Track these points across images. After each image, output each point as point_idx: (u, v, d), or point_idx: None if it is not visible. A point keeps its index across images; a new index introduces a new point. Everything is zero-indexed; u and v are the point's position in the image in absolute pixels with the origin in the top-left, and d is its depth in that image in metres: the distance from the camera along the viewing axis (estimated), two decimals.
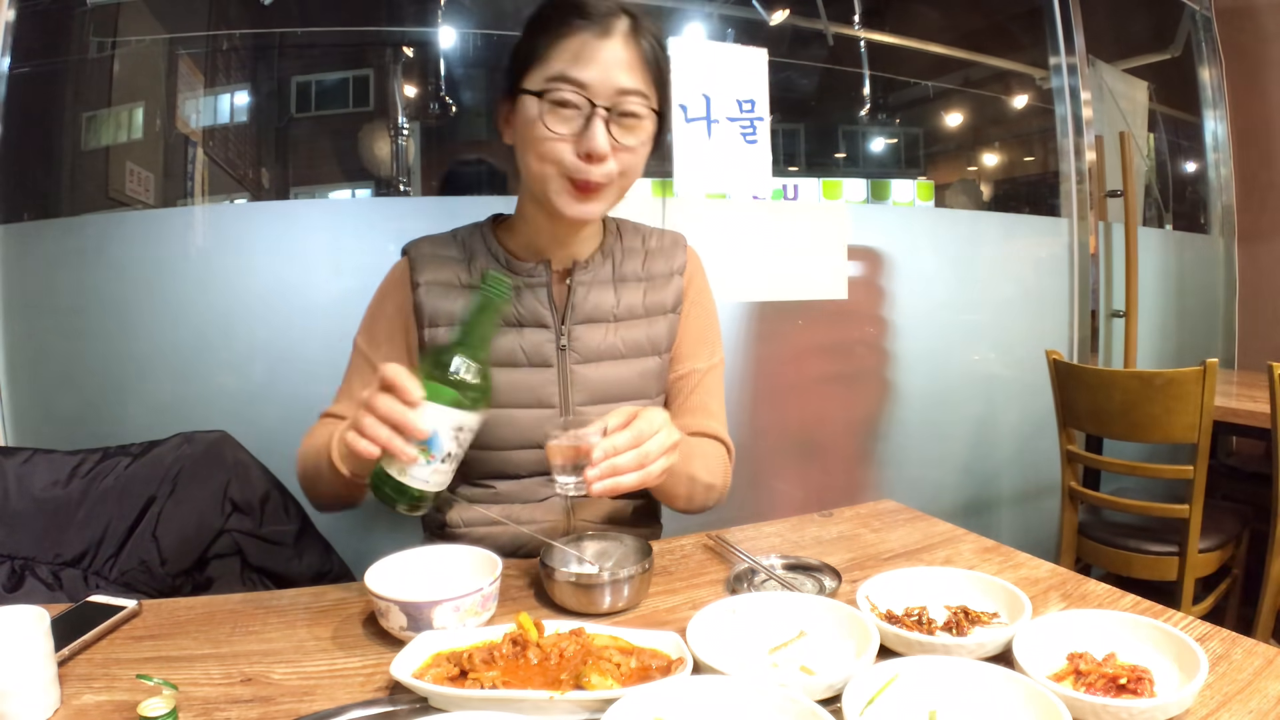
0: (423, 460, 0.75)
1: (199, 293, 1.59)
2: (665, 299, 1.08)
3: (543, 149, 0.91)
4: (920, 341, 2.29)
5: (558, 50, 0.89)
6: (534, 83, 0.90)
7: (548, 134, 0.90)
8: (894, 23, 2.54)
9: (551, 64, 0.89)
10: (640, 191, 2.11)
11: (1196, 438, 1.77)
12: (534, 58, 0.91)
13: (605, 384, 1.03)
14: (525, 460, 1.02)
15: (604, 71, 0.89)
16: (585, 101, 0.89)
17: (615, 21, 0.90)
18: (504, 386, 1.00)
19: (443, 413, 0.75)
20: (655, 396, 1.08)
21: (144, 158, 1.68)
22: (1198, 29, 2.99)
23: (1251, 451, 2.75)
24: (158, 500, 1.27)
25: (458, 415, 0.76)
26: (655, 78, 0.93)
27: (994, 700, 0.60)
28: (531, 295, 1.01)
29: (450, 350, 0.77)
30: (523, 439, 1.01)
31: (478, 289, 0.80)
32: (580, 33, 0.89)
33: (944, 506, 2.37)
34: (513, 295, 0.80)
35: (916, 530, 1.05)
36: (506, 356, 1.00)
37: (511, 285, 0.79)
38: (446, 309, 1.01)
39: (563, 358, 1.02)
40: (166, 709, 0.59)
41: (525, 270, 1.02)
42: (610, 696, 0.59)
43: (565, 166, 0.91)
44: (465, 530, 1.05)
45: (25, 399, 1.55)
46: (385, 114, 1.91)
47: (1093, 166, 2.49)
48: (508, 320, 1.01)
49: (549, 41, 0.90)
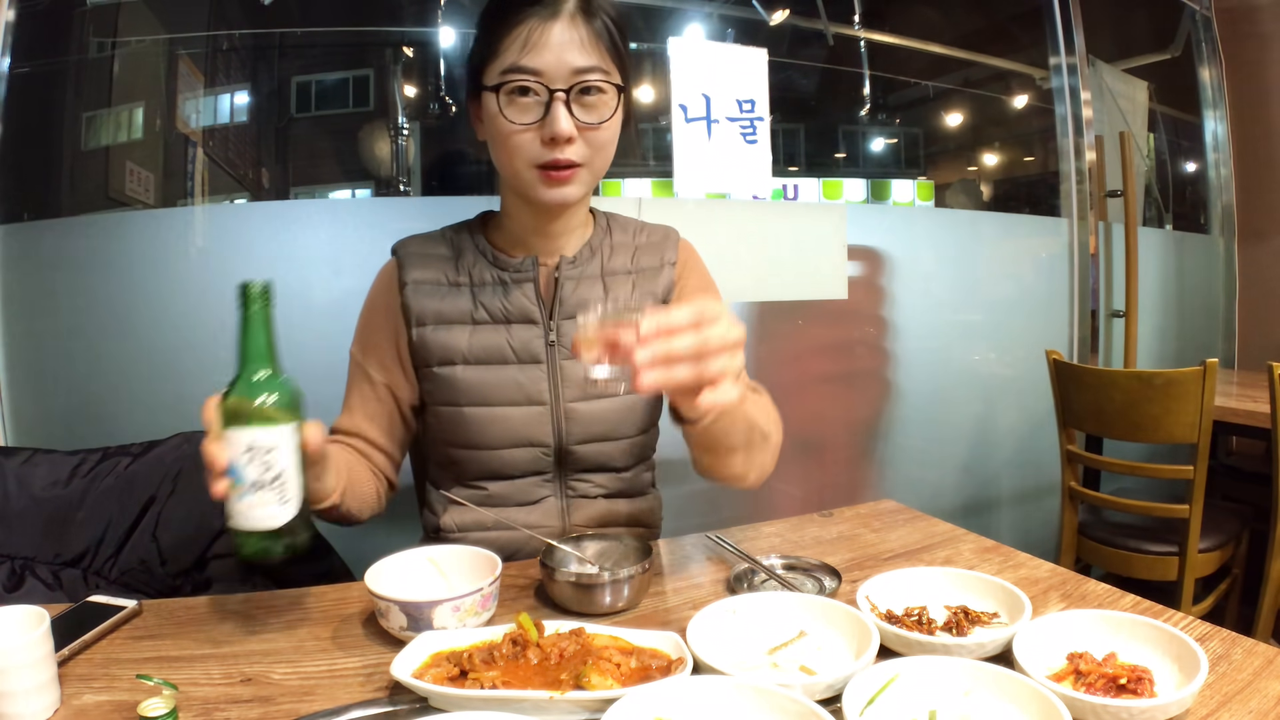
0: (234, 495, 0.68)
1: (199, 293, 1.59)
2: (655, 290, 1.06)
3: (509, 142, 0.91)
4: (920, 341, 2.29)
5: (509, 41, 0.89)
6: (491, 77, 0.90)
7: (510, 126, 0.90)
8: (894, 23, 2.53)
9: (505, 56, 0.89)
10: (641, 192, 2.11)
11: (1196, 438, 1.77)
12: (489, 52, 0.91)
13: None
14: (518, 460, 1.01)
15: (556, 54, 0.88)
16: (541, 88, 0.89)
17: (562, 2, 0.89)
18: (493, 383, 0.99)
19: (230, 437, 0.68)
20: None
21: (144, 158, 1.68)
22: (1198, 29, 2.99)
23: (1251, 451, 2.75)
24: (158, 500, 1.27)
25: (241, 435, 0.68)
26: (612, 52, 0.92)
27: (994, 700, 0.60)
28: (519, 291, 1.00)
29: (236, 371, 0.71)
30: (514, 437, 1.00)
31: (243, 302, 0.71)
32: (528, 19, 0.88)
33: (944, 506, 2.37)
34: (273, 294, 0.70)
35: (916, 530, 1.05)
36: (495, 353, 1.00)
37: (266, 286, 0.70)
38: (434, 307, 1.00)
39: (552, 353, 1.01)
40: (166, 709, 0.59)
41: (512, 265, 1.01)
42: (610, 696, 0.59)
43: (532, 155, 0.91)
44: (459, 535, 1.04)
45: (25, 399, 1.55)
46: (385, 114, 1.91)
47: (1093, 166, 2.49)
48: (495, 317, 1.00)
49: (500, 33, 0.90)
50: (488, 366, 1.00)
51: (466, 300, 1.01)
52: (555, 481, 1.04)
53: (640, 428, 1.06)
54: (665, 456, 2.07)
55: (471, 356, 1.00)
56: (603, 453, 1.03)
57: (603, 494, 1.06)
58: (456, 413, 1.01)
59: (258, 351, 0.71)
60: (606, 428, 1.02)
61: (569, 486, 1.04)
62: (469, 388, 1.00)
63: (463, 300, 1.01)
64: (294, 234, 1.63)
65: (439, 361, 1.01)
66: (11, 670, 0.61)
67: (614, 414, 1.02)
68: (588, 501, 1.05)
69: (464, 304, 1.01)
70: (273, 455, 0.68)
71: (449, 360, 1.00)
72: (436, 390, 1.02)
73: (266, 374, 0.70)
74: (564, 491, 1.04)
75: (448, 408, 1.01)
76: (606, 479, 1.06)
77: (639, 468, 1.10)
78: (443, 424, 1.03)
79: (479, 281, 1.01)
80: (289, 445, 0.70)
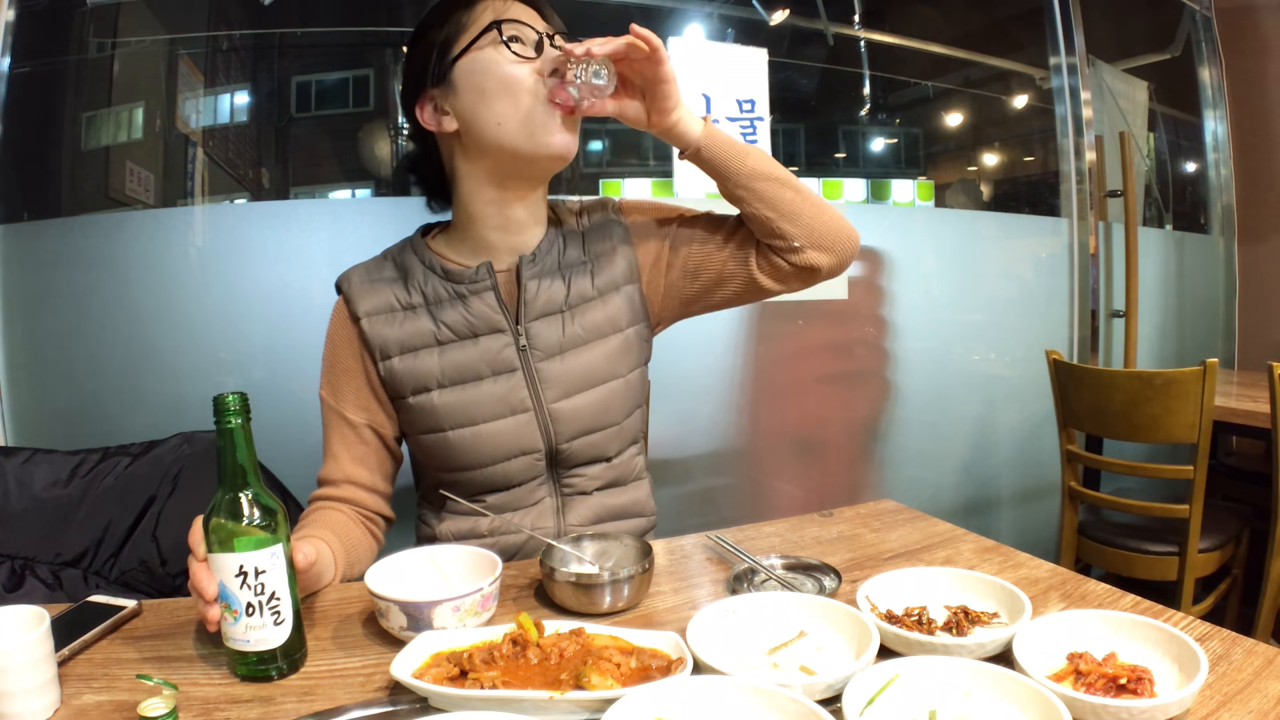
0: (230, 620, 0.67)
1: (199, 293, 1.59)
2: (615, 276, 1.03)
3: (516, 86, 0.90)
4: (920, 341, 2.29)
5: (474, 14, 0.92)
6: (470, 38, 0.91)
7: (514, 58, 0.90)
8: (894, 23, 2.54)
9: (479, 21, 0.91)
10: (641, 192, 2.11)
11: (1196, 438, 1.77)
12: (452, 38, 0.92)
13: (574, 375, 1.00)
14: (511, 471, 1.00)
15: (527, 15, 0.92)
16: (530, 31, 0.92)
17: None
18: (472, 402, 0.97)
19: (217, 563, 0.67)
20: (628, 374, 1.04)
21: (144, 158, 1.68)
22: (1198, 29, 2.99)
23: (1251, 451, 2.75)
24: (158, 500, 1.27)
25: (230, 560, 0.66)
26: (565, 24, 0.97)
27: (994, 700, 0.60)
28: (480, 301, 0.98)
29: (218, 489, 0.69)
30: (505, 450, 0.99)
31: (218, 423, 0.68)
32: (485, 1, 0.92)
33: (944, 506, 2.37)
34: (249, 407, 0.68)
35: (916, 530, 1.05)
36: (469, 371, 0.97)
37: (243, 398, 0.68)
38: (395, 335, 0.97)
39: (525, 358, 0.99)
40: (166, 709, 0.59)
41: (466, 276, 0.98)
42: (610, 696, 0.59)
43: (543, 91, 0.90)
44: (455, 544, 1.04)
45: (25, 399, 1.55)
46: (385, 114, 1.91)
47: (1093, 166, 2.49)
48: (460, 333, 0.97)
49: (459, 17, 0.92)
50: (463, 386, 0.97)
51: (426, 321, 0.97)
52: (550, 483, 1.04)
53: (626, 411, 1.05)
54: (665, 456, 2.06)
55: (445, 379, 0.97)
56: (594, 444, 1.03)
57: (597, 486, 1.05)
58: (441, 438, 0.98)
59: (239, 468, 0.68)
60: (593, 418, 1.01)
61: (564, 485, 1.04)
62: (449, 412, 0.97)
63: (422, 322, 0.97)
64: (294, 234, 1.64)
65: (413, 391, 0.98)
66: (11, 670, 0.61)
67: (597, 405, 1.01)
68: (583, 497, 1.05)
69: (425, 325, 0.97)
70: (265, 577, 0.67)
71: (423, 388, 0.97)
72: (416, 419, 0.99)
73: (251, 492, 0.68)
74: (559, 490, 1.04)
75: (431, 435, 0.99)
76: (600, 470, 1.05)
77: (630, 451, 1.09)
78: (428, 451, 1.01)
79: (434, 299, 0.98)
80: (280, 563, 0.69)
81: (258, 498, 0.69)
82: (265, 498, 0.69)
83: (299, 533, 0.92)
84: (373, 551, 1.00)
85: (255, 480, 0.69)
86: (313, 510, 1.00)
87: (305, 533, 0.90)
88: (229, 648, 0.68)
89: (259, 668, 0.68)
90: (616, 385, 1.03)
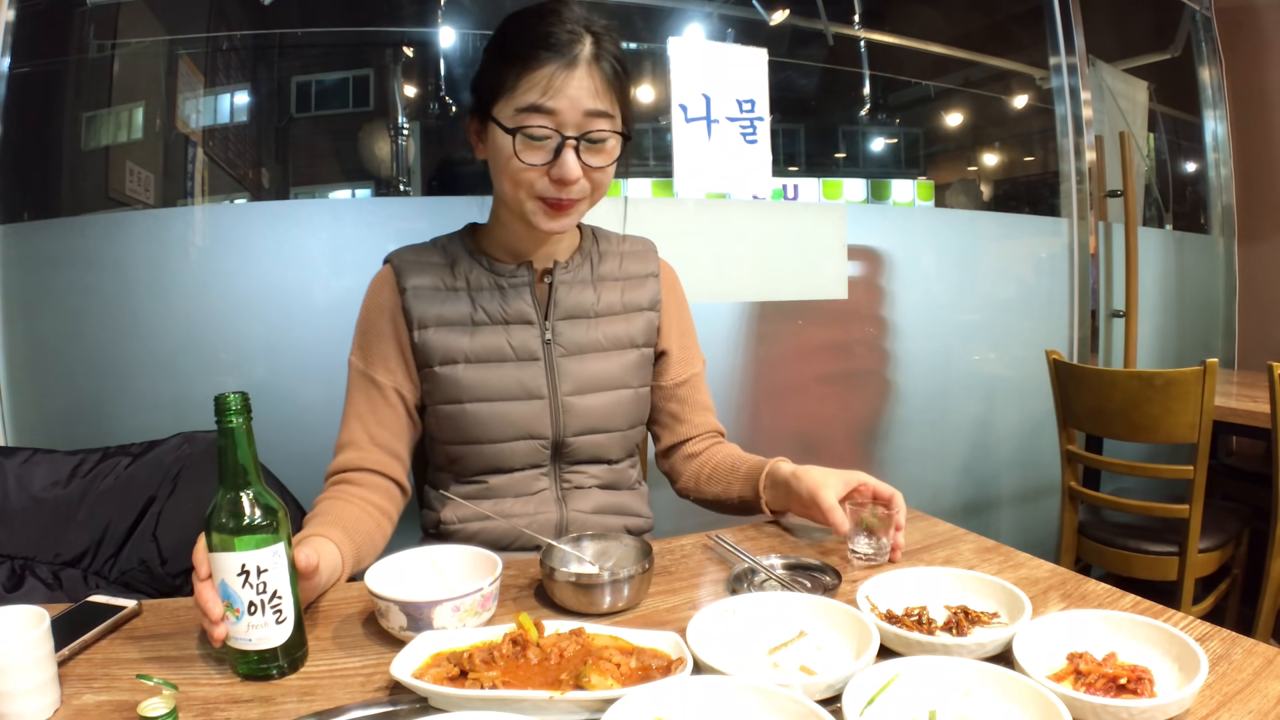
0: (233, 619, 0.68)
1: (199, 293, 1.59)
2: (641, 298, 1.14)
3: (517, 178, 0.96)
4: (920, 341, 2.29)
5: (525, 83, 0.93)
6: (504, 114, 0.94)
7: (521, 165, 0.94)
8: (894, 23, 2.53)
9: (519, 96, 0.93)
10: (641, 192, 2.11)
11: (1196, 438, 1.77)
12: (502, 88, 0.94)
13: (590, 375, 1.08)
14: (517, 452, 1.06)
15: (571, 102, 0.93)
16: (554, 134, 0.93)
17: (579, 49, 0.93)
18: (494, 380, 1.04)
19: (218, 562, 0.67)
20: (638, 387, 1.13)
21: (144, 158, 1.68)
22: (1198, 29, 2.99)
23: (1251, 451, 2.75)
24: (158, 500, 1.27)
25: (228, 559, 0.67)
26: (619, 95, 0.98)
27: (994, 700, 0.60)
28: (516, 295, 1.06)
29: (219, 488, 0.69)
30: (515, 431, 1.05)
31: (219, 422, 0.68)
32: (546, 65, 0.92)
33: (944, 506, 2.37)
34: (250, 406, 0.69)
35: (916, 530, 1.05)
36: (495, 352, 1.05)
37: (244, 397, 0.68)
38: (435, 311, 1.04)
39: (548, 350, 1.07)
40: (166, 709, 0.59)
41: (508, 272, 1.07)
42: (610, 696, 0.59)
43: (538, 191, 0.96)
44: (459, 526, 1.07)
45: (25, 399, 1.55)
46: (385, 114, 1.91)
47: (1093, 166, 2.49)
48: (494, 319, 1.05)
49: (516, 73, 0.93)
50: (488, 365, 1.05)
51: (465, 304, 1.05)
52: (552, 474, 1.09)
53: (630, 422, 1.13)
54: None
55: (473, 356, 1.05)
56: (597, 444, 1.10)
57: (596, 484, 1.11)
58: (459, 409, 1.04)
59: (240, 467, 0.69)
60: (600, 419, 1.09)
61: (564, 478, 1.10)
62: (471, 385, 1.04)
63: (461, 304, 1.05)
64: (294, 234, 1.64)
65: (440, 361, 1.04)
66: (11, 670, 0.61)
67: (606, 407, 1.09)
68: (582, 492, 1.10)
69: (463, 307, 1.05)
70: (266, 576, 0.68)
71: (451, 360, 1.04)
72: (437, 389, 1.05)
73: (252, 491, 0.69)
74: (560, 483, 1.10)
75: (450, 405, 1.05)
76: (600, 470, 1.12)
77: (628, 461, 1.17)
78: (443, 422, 1.06)
79: (476, 286, 1.06)
80: (281, 562, 0.69)
81: (259, 497, 0.69)
82: (266, 497, 0.69)
83: (307, 528, 0.92)
84: (383, 540, 1.01)
85: (256, 479, 0.70)
86: (325, 497, 1.00)
87: (312, 529, 0.90)
88: (231, 646, 0.69)
89: (260, 666, 0.69)
90: (626, 395, 1.11)
